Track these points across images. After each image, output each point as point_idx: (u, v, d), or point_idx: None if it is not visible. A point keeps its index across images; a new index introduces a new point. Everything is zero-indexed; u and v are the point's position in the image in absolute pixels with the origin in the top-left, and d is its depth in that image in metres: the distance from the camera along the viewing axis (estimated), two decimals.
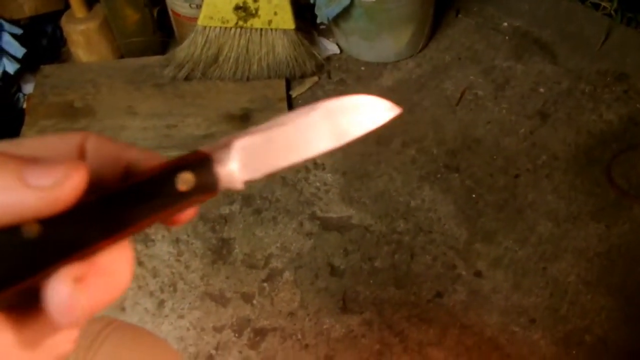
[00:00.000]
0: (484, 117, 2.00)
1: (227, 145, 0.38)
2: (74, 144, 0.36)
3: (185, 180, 0.36)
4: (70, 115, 2.01)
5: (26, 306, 0.33)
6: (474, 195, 1.82)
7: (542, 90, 2.06)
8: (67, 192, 0.31)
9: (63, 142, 0.37)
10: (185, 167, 0.36)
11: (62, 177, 0.31)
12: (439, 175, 1.87)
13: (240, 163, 0.38)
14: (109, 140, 0.37)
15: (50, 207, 0.31)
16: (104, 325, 0.77)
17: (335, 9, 2.03)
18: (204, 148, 0.38)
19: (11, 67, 2.01)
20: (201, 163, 0.37)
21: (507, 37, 2.22)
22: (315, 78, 2.14)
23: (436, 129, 1.98)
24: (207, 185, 0.37)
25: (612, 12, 2.20)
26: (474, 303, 1.63)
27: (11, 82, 2.10)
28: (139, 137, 1.91)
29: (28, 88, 2.12)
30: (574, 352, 1.54)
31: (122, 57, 2.21)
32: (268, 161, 0.39)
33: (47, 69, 2.16)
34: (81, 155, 0.36)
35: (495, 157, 1.90)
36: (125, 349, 0.76)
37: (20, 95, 2.13)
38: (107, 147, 0.37)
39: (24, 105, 2.09)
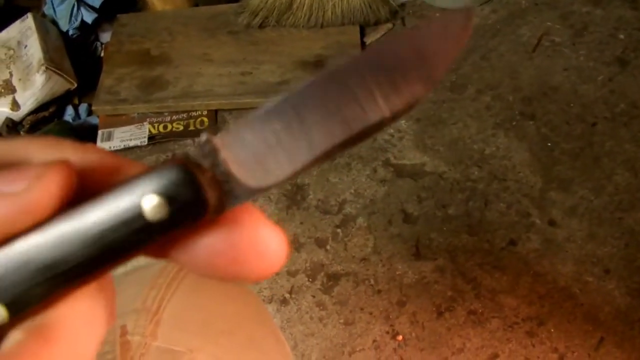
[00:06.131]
0: (561, 63, 1.96)
1: (216, 142, 0.27)
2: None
3: (152, 208, 0.26)
4: (147, 62, 2.05)
5: None
6: (549, 143, 1.80)
7: (621, 36, 2.01)
8: (40, 196, 0.26)
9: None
10: (151, 188, 0.26)
11: (34, 179, 0.26)
12: (514, 123, 1.85)
13: (240, 166, 0.27)
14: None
15: (24, 215, 0.26)
16: None
17: None
18: (180, 154, 0.27)
19: (89, 17, 2.06)
20: (176, 178, 0.26)
21: None
22: (390, 25, 2.12)
23: (512, 75, 1.95)
24: (193, 210, 0.26)
25: None
26: (548, 252, 1.62)
27: (89, 32, 2.14)
28: (215, 83, 1.93)
29: (105, 37, 2.16)
30: None
31: (196, 5, 2.23)
32: (284, 156, 0.27)
33: (123, 17, 2.19)
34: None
35: (572, 104, 1.87)
36: (204, 288, 0.76)
37: (98, 44, 2.17)
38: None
39: (102, 54, 2.13)
